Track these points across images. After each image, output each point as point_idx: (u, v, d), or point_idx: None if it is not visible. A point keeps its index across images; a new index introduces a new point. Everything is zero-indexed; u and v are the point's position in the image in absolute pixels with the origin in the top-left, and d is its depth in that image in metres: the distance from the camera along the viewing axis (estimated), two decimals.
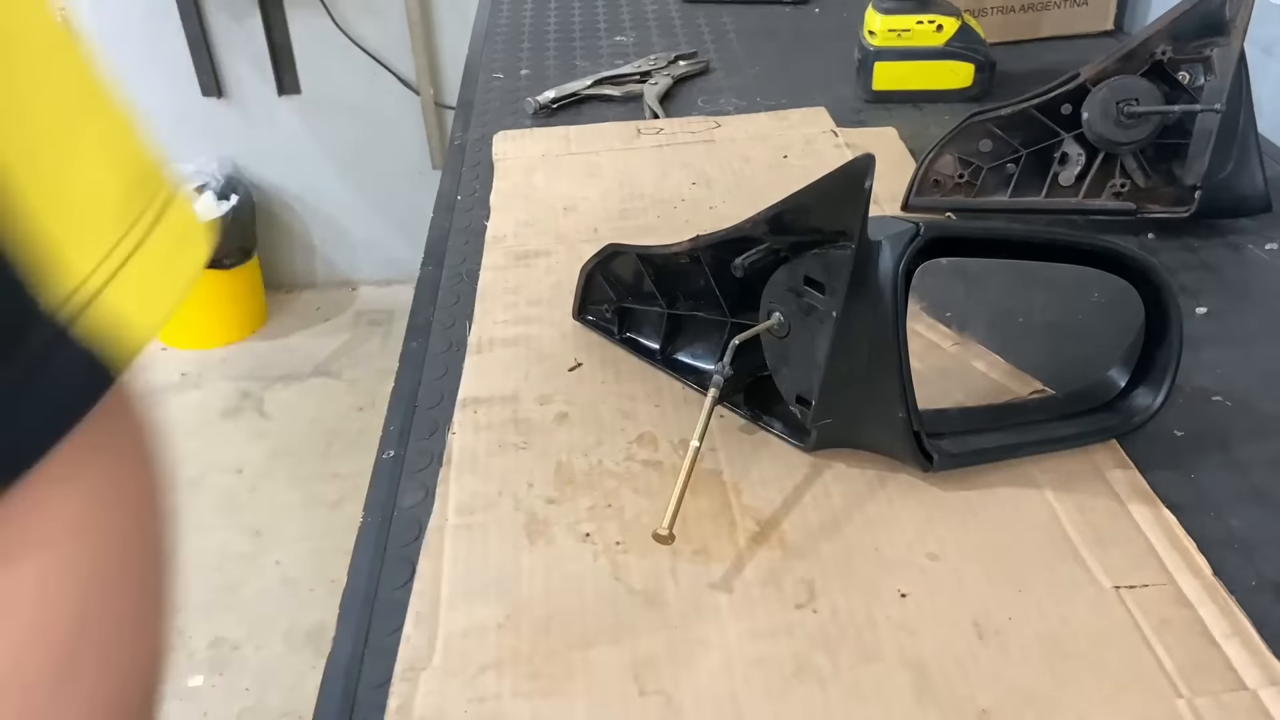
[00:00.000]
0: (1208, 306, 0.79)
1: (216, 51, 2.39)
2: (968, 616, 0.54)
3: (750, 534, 0.60)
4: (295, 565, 1.87)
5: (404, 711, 0.51)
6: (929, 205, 0.92)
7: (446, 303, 0.82)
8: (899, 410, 0.60)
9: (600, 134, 1.06)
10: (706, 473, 0.64)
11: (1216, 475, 0.63)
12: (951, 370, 0.70)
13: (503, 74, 1.25)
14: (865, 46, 1.13)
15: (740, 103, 1.15)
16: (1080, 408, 0.67)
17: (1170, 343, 0.65)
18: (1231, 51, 0.84)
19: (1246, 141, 0.87)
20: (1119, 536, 0.59)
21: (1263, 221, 0.89)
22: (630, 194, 0.96)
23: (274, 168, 2.55)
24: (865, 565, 0.58)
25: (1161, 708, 0.49)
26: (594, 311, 0.77)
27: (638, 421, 0.69)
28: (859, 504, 0.62)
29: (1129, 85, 0.86)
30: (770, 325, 0.64)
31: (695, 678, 0.52)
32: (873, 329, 0.59)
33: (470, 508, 0.62)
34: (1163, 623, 0.53)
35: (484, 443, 0.67)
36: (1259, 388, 0.70)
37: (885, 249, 0.59)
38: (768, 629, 0.54)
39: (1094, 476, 0.63)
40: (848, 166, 0.56)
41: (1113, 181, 0.88)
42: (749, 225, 0.63)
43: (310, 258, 2.69)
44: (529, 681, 0.52)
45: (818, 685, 0.51)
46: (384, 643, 0.54)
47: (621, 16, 1.43)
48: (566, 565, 0.58)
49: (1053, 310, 0.67)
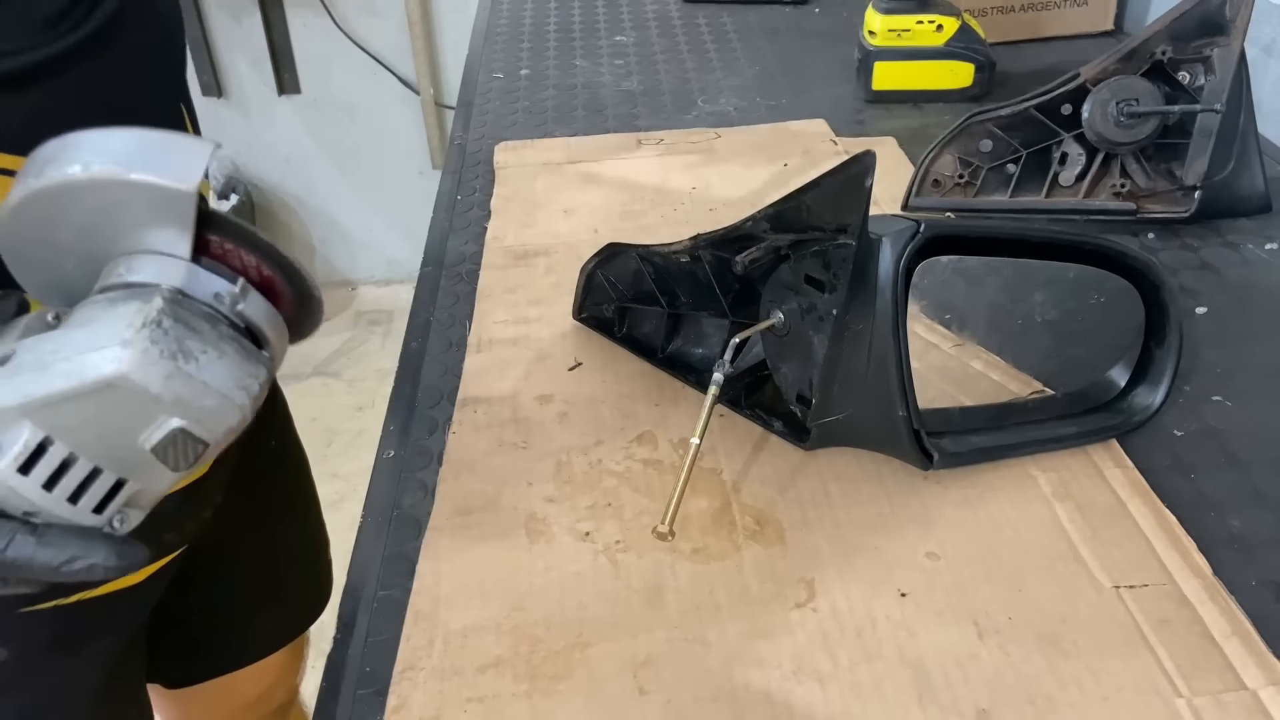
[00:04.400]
0: (1208, 306, 0.78)
1: (216, 51, 2.39)
2: (968, 616, 0.54)
3: (750, 533, 0.60)
4: None
5: (403, 711, 0.51)
6: (929, 205, 0.92)
7: (446, 303, 0.82)
8: (899, 409, 0.60)
9: (600, 144, 1.07)
10: (706, 471, 0.64)
11: (1216, 475, 0.63)
12: (951, 370, 0.70)
13: (503, 74, 1.25)
14: (865, 46, 1.13)
15: (740, 103, 1.15)
16: (1080, 408, 0.67)
17: (1170, 343, 0.65)
18: (1231, 51, 0.84)
19: (1246, 141, 0.87)
20: (1119, 536, 0.59)
21: (1263, 221, 0.89)
22: (630, 197, 0.96)
23: (274, 168, 2.55)
24: (865, 565, 0.58)
25: (1161, 708, 0.49)
26: (594, 311, 0.77)
27: (638, 421, 0.69)
28: (859, 503, 0.62)
29: (1129, 85, 0.86)
30: (771, 324, 0.64)
31: (695, 678, 0.52)
32: (873, 328, 0.59)
33: (470, 507, 0.62)
34: (1163, 622, 0.53)
35: (484, 442, 0.67)
36: (1259, 388, 0.70)
37: (886, 246, 0.59)
38: (767, 629, 0.54)
39: (1094, 476, 0.63)
40: (849, 163, 0.56)
41: (1113, 181, 0.89)
42: (749, 223, 0.63)
43: (310, 257, 2.69)
44: (528, 681, 0.52)
45: (817, 685, 0.51)
46: (384, 643, 0.54)
47: (621, 16, 1.43)
48: (566, 565, 0.58)
49: (1053, 310, 0.67)
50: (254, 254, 0.43)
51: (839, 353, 0.61)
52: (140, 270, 0.41)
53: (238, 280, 0.42)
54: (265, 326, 0.43)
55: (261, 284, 0.43)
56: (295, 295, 0.44)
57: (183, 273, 0.41)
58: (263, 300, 0.43)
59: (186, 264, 0.41)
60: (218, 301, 0.41)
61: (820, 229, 0.60)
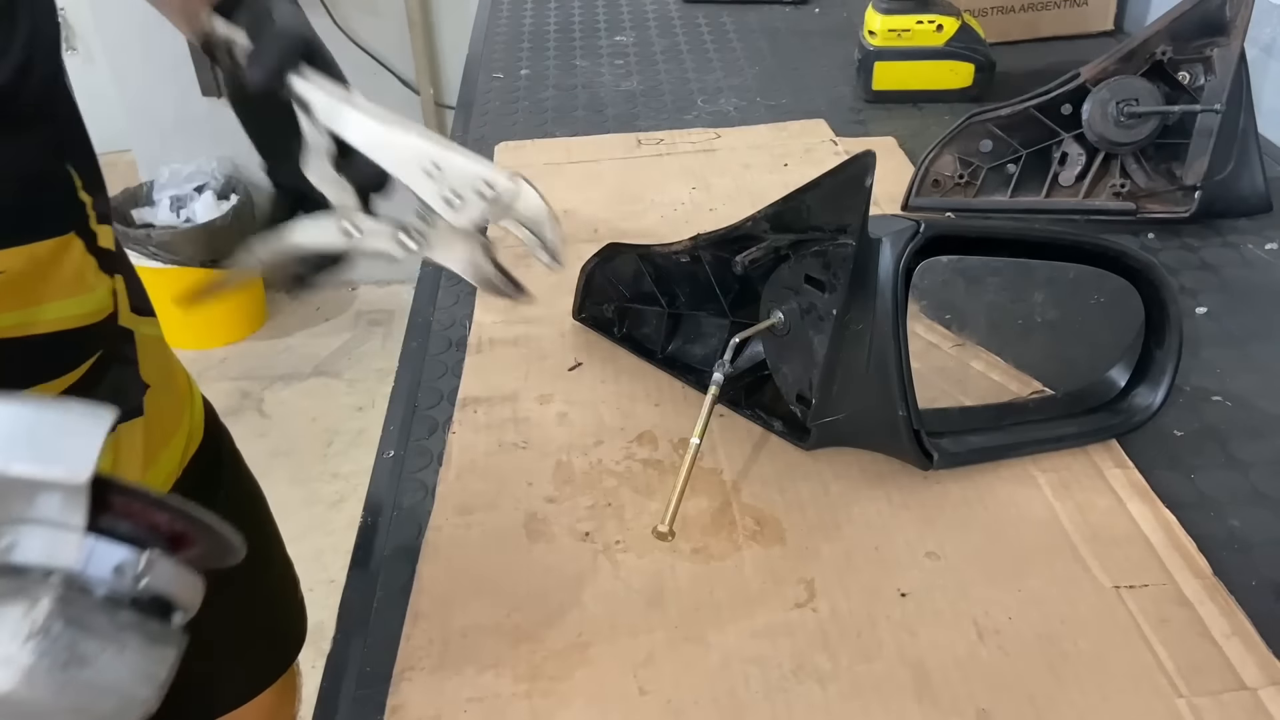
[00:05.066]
0: (1208, 306, 0.78)
1: None
2: (967, 616, 0.54)
3: (750, 533, 0.60)
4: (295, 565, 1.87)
5: (403, 711, 0.51)
6: (929, 205, 0.92)
7: (446, 303, 0.82)
8: (899, 409, 0.60)
9: (601, 144, 1.07)
10: (706, 472, 0.64)
11: (1216, 475, 0.63)
12: (951, 370, 0.70)
13: (503, 74, 1.25)
14: (865, 46, 1.13)
15: (740, 103, 1.15)
16: (1080, 408, 0.67)
17: (1170, 343, 0.65)
18: (1231, 51, 0.84)
19: (1246, 141, 0.87)
20: (1119, 536, 0.59)
21: (1263, 221, 0.89)
22: (630, 197, 0.96)
23: None
24: (865, 565, 0.57)
25: (1161, 708, 0.49)
26: (594, 311, 0.77)
27: (638, 421, 0.69)
28: (859, 503, 0.62)
29: (1129, 85, 0.86)
30: (771, 324, 0.64)
31: (695, 678, 0.52)
32: (873, 328, 0.59)
33: (470, 507, 0.62)
34: (1163, 622, 0.53)
35: (484, 442, 0.67)
36: (1259, 388, 0.70)
37: (886, 247, 0.59)
38: (767, 628, 0.54)
39: (1094, 476, 0.63)
40: (849, 163, 0.56)
41: (1113, 181, 0.89)
42: (749, 223, 0.63)
43: None
44: (528, 681, 0.52)
45: (817, 685, 0.51)
46: (384, 642, 0.54)
47: (621, 16, 1.43)
48: (566, 565, 0.58)
49: (1053, 310, 0.67)
50: (161, 512, 0.38)
51: (839, 353, 0.61)
52: (27, 547, 0.35)
53: (141, 553, 0.37)
54: (175, 591, 0.38)
55: (171, 536, 0.38)
56: (211, 550, 0.40)
57: (76, 550, 0.35)
58: (170, 565, 0.38)
59: (81, 537, 0.36)
60: (119, 578, 0.36)
61: (820, 229, 0.60)
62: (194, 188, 2.39)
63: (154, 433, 0.67)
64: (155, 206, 2.38)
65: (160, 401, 0.68)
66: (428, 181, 0.52)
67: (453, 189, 0.52)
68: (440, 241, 0.54)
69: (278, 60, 0.51)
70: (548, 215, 0.53)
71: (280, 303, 2.67)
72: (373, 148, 0.52)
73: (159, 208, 2.38)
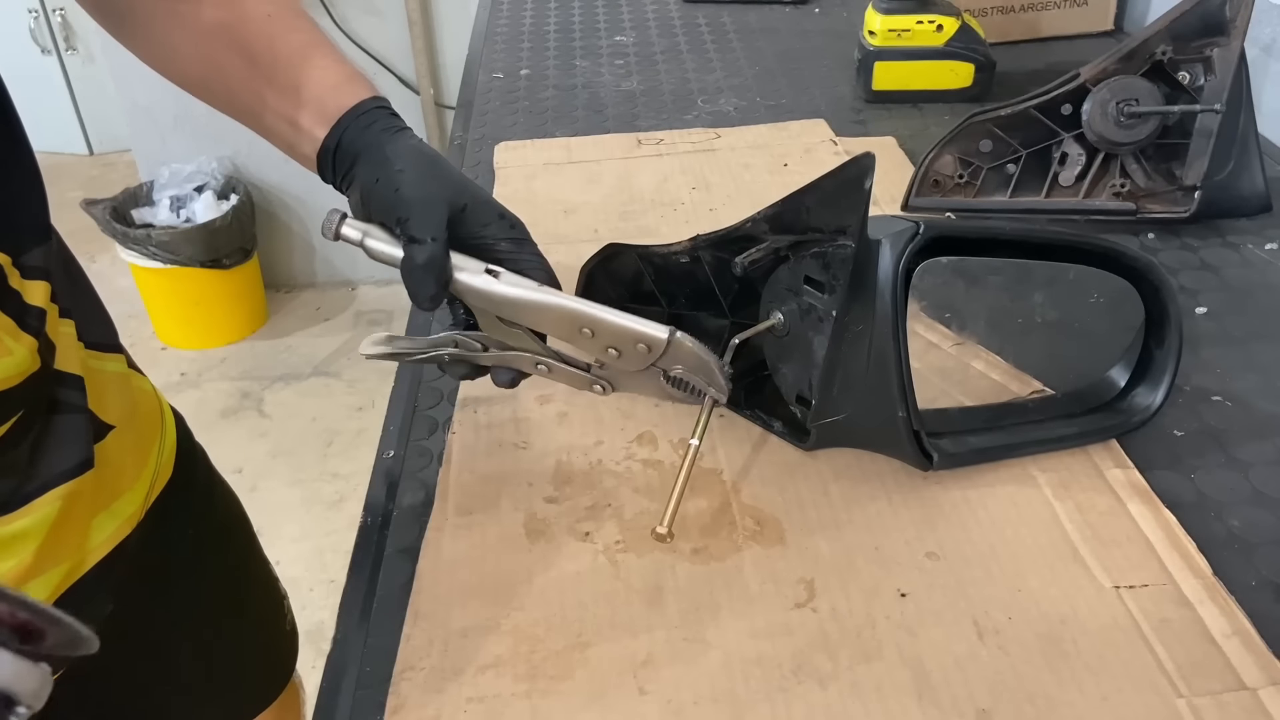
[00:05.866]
0: (1208, 306, 0.79)
1: None
2: (967, 616, 0.54)
3: (750, 533, 0.60)
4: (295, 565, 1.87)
5: (403, 711, 0.51)
6: (929, 206, 0.92)
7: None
8: (899, 410, 0.60)
9: (600, 144, 1.07)
10: (706, 472, 0.64)
11: (1216, 475, 0.63)
12: (951, 370, 0.70)
13: (503, 74, 1.25)
14: (865, 46, 1.13)
15: (740, 103, 1.15)
16: (1080, 408, 0.67)
17: (1170, 343, 0.65)
18: (1231, 51, 0.84)
19: (1246, 141, 0.87)
20: (1119, 536, 0.59)
21: (1263, 221, 0.89)
22: (630, 197, 0.96)
23: (274, 167, 2.55)
24: (865, 565, 0.58)
25: (1161, 707, 0.49)
26: None
27: (637, 421, 0.69)
28: (859, 503, 0.62)
29: (1129, 85, 0.86)
30: (770, 325, 0.64)
31: (695, 678, 0.52)
32: (872, 328, 0.59)
33: (470, 508, 0.62)
34: (1163, 622, 0.53)
35: (484, 442, 0.67)
36: (1259, 388, 0.70)
37: (885, 248, 0.59)
38: (767, 629, 0.54)
39: (1094, 476, 0.63)
40: (848, 165, 0.56)
41: (1113, 181, 0.89)
42: (749, 224, 0.63)
43: (310, 257, 2.69)
44: (528, 681, 0.52)
45: (817, 685, 0.51)
46: (384, 643, 0.54)
47: (621, 16, 1.43)
48: (566, 565, 0.58)
49: (1053, 310, 0.67)
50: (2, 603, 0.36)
51: (839, 353, 0.61)
52: None
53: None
54: (16, 686, 0.36)
55: (16, 627, 0.36)
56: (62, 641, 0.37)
57: None
58: (11, 659, 0.36)
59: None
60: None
61: (820, 230, 0.60)
62: (194, 188, 2.39)
63: (109, 482, 0.62)
64: (155, 206, 2.38)
65: (123, 443, 0.63)
66: (588, 340, 0.57)
67: (611, 346, 0.57)
68: (625, 381, 0.59)
69: (434, 287, 0.57)
70: (705, 364, 0.57)
71: (280, 303, 2.67)
72: (528, 315, 0.57)
73: (159, 208, 2.38)
